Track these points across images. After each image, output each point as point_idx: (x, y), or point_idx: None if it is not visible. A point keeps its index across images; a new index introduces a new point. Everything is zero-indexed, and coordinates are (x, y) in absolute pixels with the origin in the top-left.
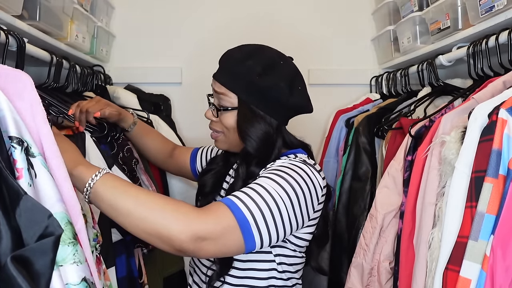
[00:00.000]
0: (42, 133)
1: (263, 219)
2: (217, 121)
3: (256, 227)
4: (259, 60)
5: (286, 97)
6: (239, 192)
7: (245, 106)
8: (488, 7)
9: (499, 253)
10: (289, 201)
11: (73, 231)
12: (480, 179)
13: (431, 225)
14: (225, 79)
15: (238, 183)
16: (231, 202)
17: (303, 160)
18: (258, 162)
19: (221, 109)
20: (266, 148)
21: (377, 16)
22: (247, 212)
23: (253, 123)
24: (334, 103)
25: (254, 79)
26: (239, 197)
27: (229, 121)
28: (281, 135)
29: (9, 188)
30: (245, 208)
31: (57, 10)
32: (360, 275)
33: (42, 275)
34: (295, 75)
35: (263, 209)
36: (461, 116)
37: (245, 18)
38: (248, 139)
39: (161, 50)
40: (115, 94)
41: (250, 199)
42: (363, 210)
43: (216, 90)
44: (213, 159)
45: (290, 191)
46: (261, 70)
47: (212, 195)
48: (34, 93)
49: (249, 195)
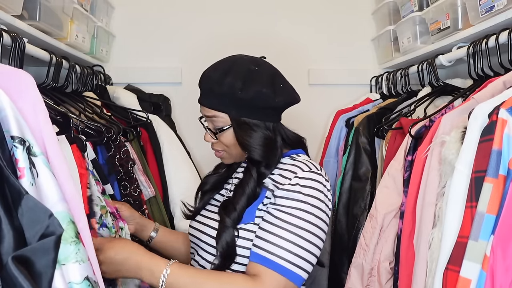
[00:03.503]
0: (44, 132)
1: (305, 261)
2: (217, 142)
3: (302, 270)
4: (236, 74)
5: (272, 99)
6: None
7: (238, 120)
8: (488, 7)
9: (499, 253)
10: (316, 228)
11: (75, 230)
12: (480, 179)
13: (431, 225)
14: (211, 102)
15: (250, 183)
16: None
17: (311, 170)
18: (267, 165)
19: (217, 132)
20: (270, 151)
21: (377, 16)
22: (296, 269)
23: (251, 134)
24: (334, 103)
25: (238, 94)
26: (279, 255)
27: (228, 139)
28: (279, 133)
29: (11, 188)
30: (289, 264)
31: (57, 10)
32: (360, 275)
33: (44, 275)
34: (274, 75)
35: (302, 255)
36: (461, 116)
37: (245, 17)
38: (252, 149)
39: (161, 50)
40: (115, 94)
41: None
42: (363, 210)
43: (206, 114)
44: (219, 165)
45: (313, 219)
46: (241, 84)
47: (210, 193)
48: (36, 92)
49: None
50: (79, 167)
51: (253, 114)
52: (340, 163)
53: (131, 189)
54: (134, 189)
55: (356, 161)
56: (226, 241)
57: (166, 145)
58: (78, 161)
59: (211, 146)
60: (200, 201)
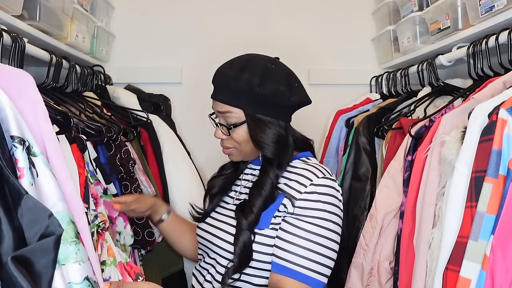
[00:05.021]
0: (44, 132)
1: (324, 267)
2: (228, 138)
3: (322, 275)
4: (253, 71)
5: (288, 98)
6: (293, 256)
7: (253, 117)
8: (488, 7)
9: (499, 253)
10: (333, 233)
11: (75, 230)
12: (480, 179)
13: (431, 225)
14: (227, 97)
15: (267, 185)
16: (296, 273)
17: (325, 176)
18: (280, 164)
19: (231, 127)
20: (282, 150)
21: (377, 16)
22: (311, 273)
23: (265, 130)
24: (334, 103)
25: (255, 90)
26: (299, 264)
27: (241, 136)
28: (291, 132)
29: (10, 188)
30: (308, 271)
31: (57, 10)
32: (360, 275)
33: (44, 275)
34: (289, 74)
35: (321, 261)
36: (461, 116)
37: (245, 18)
38: (265, 147)
39: (161, 50)
40: (115, 94)
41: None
42: (363, 210)
43: (220, 110)
44: (223, 166)
45: (331, 225)
46: (259, 80)
47: (219, 196)
48: (36, 92)
49: (305, 256)
50: (78, 167)
51: (268, 111)
52: (340, 163)
53: (131, 188)
54: (135, 189)
55: (356, 161)
56: (244, 243)
57: (166, 145)
58: (77, 160)
59: (221, 143)
60: (210, 204)
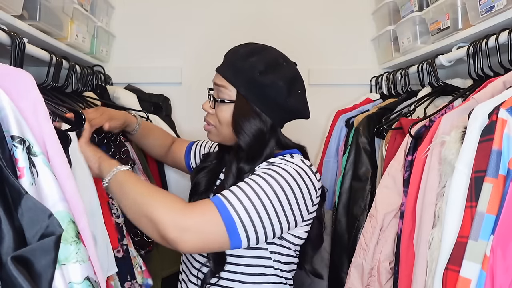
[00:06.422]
0: (45, 132)
1: (249, 220)
2: (212, 114)
3: (242, 227)
4: (262, 58)
5: (283, 97)
6: (228, 192)
7: (243, 100)
8: (488, 7)
9: (499, 253)
10: (278, 201)
11: (76, 229)
12: (480, 179)
13: (431, 225)
14: (227, 73)
15: (229, 180)
16: (219, 201)
17: (301, 160)
18: (248, 159)
19: (219, 101)
20: (257, 146)
21: (377, 16)
22: (233, 212)
23: (248, 118)
24: (334, 103)
25: (255, 76)
26: (227, 197)
27: (225, 115)
28: (275, 135)
29: (10, 188)
30: (231, 208)
31: (57, 10)
32: (360, 275)
33: (44, 275)
34: (296, 78)
35: (249, 210)
36: (461, 116)
37: (245, 18)
38: (242, 133)
39: (161, 50)
40: (115, 94)
41: (237, 199)
42: (363, 210)
43: (217, 82)
44: (207, 155)
45: (280, 191)
46: (263, 68)
47: (206, 193)
48: (36, 92)
49: (237, 195)
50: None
51: (259, 102)
52: (340, 163)
53: None
54: None
55: (356, 161)
56: None
57: None
58: None
59: (204, 117)
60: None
